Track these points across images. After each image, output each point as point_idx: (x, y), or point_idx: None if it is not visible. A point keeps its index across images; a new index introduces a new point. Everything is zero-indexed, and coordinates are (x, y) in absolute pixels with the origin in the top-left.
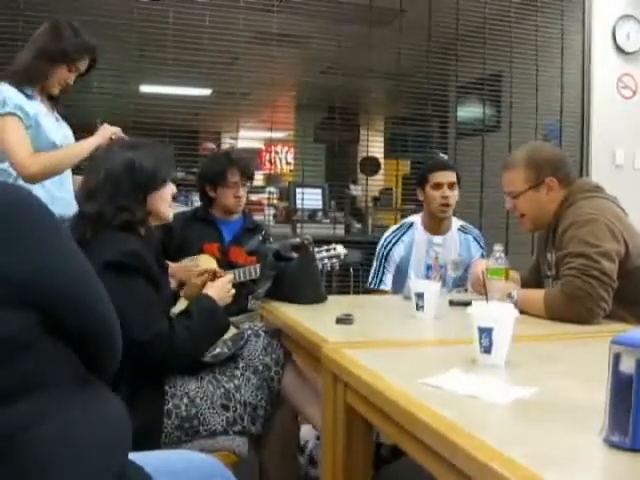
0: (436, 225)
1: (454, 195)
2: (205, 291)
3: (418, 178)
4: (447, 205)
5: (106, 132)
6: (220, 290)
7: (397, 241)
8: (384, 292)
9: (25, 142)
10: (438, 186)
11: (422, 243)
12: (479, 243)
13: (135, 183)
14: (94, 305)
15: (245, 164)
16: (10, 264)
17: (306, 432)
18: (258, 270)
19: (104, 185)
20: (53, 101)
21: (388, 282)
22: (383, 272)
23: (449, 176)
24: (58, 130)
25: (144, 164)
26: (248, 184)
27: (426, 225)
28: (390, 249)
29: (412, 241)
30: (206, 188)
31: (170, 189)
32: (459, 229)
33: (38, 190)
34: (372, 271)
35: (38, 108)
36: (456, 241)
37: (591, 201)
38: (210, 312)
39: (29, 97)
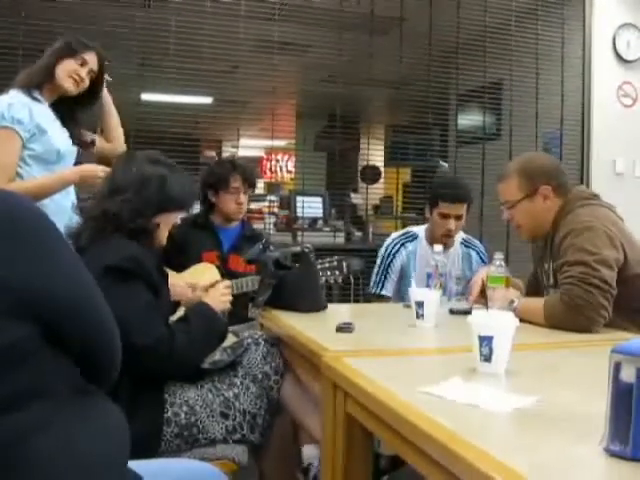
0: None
1: (460, 224)
2: (202, 299)
3: (430, 195)
4: (449, 236)
5: (89, 174)
6: (216, 296)
7: (400, 248)
8: (385, 298)
9: (7, 167)
10: (445, 216)
11: (425, 257)
12: (482, 258)
13: (158, 197)
14: (95, 316)
15: (248, 171)
16: (10, 274)
17: (309, 452)
18: (257, 282)
19: (132, 184)
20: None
21: (390, 288)
22: (385, 278)
23: (458, 209)
24: (63, 137)
25: (174, 185)
26: (250, 192)
27: (430, 241)
28: (394, 255)
29: (415, 252)
30: (208, 193)
31: (177, 217)
32: (462, 242)
33: (45, 200)
34: (374, 276)
35: (45, 112)
36: (458, 255)
37: (588, 209)
38: (207, 318)
39: (37, 100)
